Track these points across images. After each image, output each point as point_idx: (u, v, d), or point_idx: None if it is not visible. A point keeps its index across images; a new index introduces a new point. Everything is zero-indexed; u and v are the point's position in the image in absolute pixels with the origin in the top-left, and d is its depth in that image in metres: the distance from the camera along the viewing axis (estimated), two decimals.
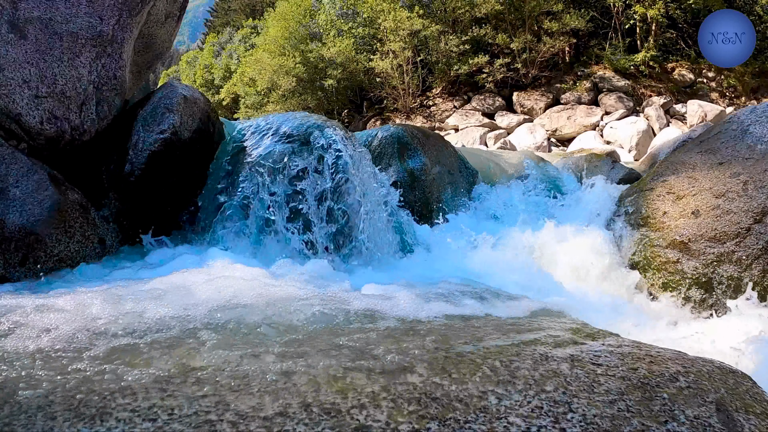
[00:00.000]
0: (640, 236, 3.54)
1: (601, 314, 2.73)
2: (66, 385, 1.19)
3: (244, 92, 23.92)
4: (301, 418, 1.02)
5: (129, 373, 1.26)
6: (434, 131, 9.79)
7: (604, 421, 1.03)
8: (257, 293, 2.03)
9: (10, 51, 2.82)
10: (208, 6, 51.70)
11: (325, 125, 3.56)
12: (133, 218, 3.19)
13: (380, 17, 16.67)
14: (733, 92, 15.41)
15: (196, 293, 2.02)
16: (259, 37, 24.36)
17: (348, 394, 1.12)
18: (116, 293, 2.01)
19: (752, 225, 3.11)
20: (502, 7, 15.76)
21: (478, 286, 2.62)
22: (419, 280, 2.66)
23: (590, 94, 15.33)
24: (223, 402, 1.09)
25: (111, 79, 3.22)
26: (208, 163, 3.54)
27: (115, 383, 1.20)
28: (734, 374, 1.34)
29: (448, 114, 16.75)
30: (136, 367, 1.31)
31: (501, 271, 3.27)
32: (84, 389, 1.16)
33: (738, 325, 2.69)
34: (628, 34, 16.05)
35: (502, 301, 2.25)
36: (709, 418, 1.09)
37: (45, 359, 1.37)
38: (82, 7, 3.07)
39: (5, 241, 2.50)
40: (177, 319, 1.73)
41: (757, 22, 14.72)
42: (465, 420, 1.02)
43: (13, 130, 2.85)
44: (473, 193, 4.63)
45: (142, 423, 1.01)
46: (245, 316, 1.77)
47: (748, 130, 3.52)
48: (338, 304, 1.96)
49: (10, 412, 1.05)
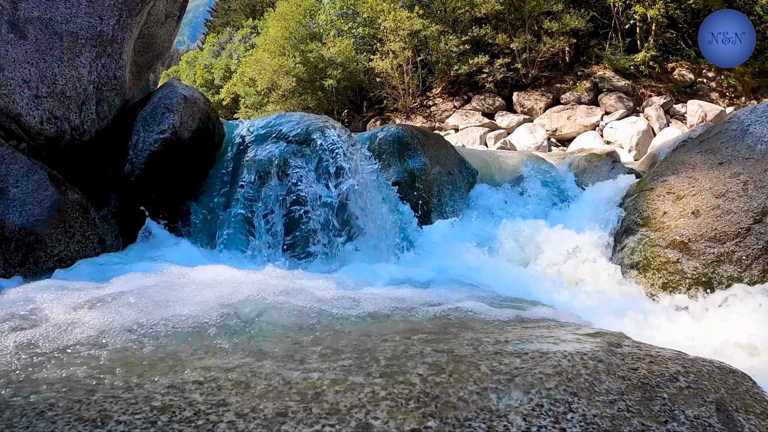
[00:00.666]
0: (640, 236, 3.54)
1: (600, 314, 2.73)
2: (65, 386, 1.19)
3: (244, 92, 23.92)
4: (300, 418, 1.03)
5: (128, 373, 1.26)
6: (434, 131, 9.79)
7: (604, 421, 1.03)
8: (258, 292, 2.03)
9: (10, 51, 2.82)
10: (208, 6, 51.69)
11: (326, 126, 3.56)
12: (133, 218, 3.19)
13: (380, 17, 16.67)
14: (733, 92, 15.41)
15: (197, 293, 2.02)
16: (259, 37, 24.35)
17: (347, 394, 1.12)
18: (113, 293, 2.01)
19: (752, 225, 3.11)
20: (502, 7, 15.75)
21: (478, 286, 2.62)
22: (418, 280, 2.66)
23: (590, 94, 15.32)
24: (224, 403, 1.09)
25: (111, 79, 3.22)
26: (208, 163, 3.54)
27: (114, 384, 1.20)
28: (734, 374, 1.34)
29: (448, 114, 16.75)
30: (136, 367, 1.31)
31: (500, 272, 3.27)
32: (82, 390, 1.16)
33: (738, 325, 2.69)
34: (628, 34, 16.05)
35: (501, 301, 2.25)
36: (709, 418, 1.09)
37: (41, 360, 1.37)
38: (82, 7, 3.07)
39: (5, 241, 2.50)
40: (177, 318, 1.73)
41: (757, 22, 14.71)
42: (465, 418, 1.02)
43: (13, 130, 2.85)
44: (473, 193, 4.63)
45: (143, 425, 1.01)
46: (245, 316, 1.77)
47: (748, 130, 3.52)
48: (336, 305, 1.96)
49: (11, 414, 1.05)
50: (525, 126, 14.89)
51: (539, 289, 2.94)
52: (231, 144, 3.64)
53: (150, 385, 1.18)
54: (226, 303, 1.90)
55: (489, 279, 2.95)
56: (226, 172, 3.47)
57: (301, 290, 2.15)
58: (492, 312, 1.98)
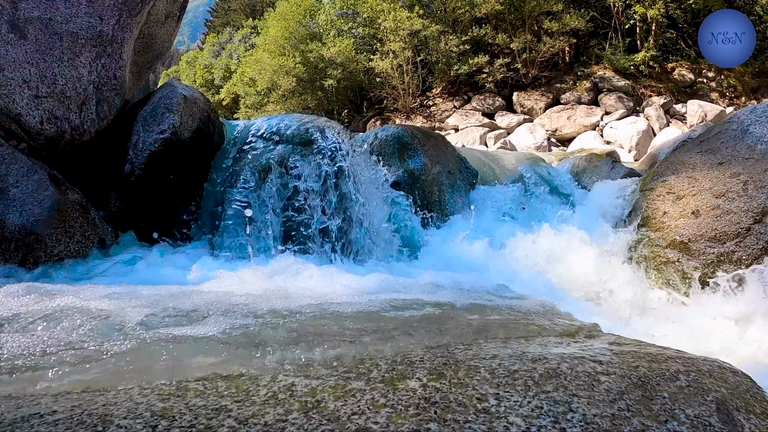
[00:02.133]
0: (640, 236, 3.54)
1: (600, 314, 2.73)
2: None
3: (244, 92, 23.93)
4: (301, 424, 1.03)
5: (125, 374, 1.26)
6: (434, 131, 9.78)
7: (604, 421, 1.03)
8: (256, 292, 2.03)
9: (10, 51, 2.82)
10: (208, 6, 51.69)
11: (326, 127, 3.56)
12: (133, 218, 3.19)
13: (380, 17, 16.67)
14: (733, 92, 15.40)
15: (196, 293, 2.02)
16: (259, 37, 24.36)
17: (347, 399, 1.12)
18: (110, 292, 2.01)
19: (752, 225, 3.11)
20: (502, 7, 15.75)
21: (477, 287, 2.62)
22: (417, 280, 2.65)
23: (590, 94, 15.32)
24: (224, 409, 1.09)
25: (111, 79, 3.22)
26: (208, 163, 3.53)
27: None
28: (734, 373, 1.34)
29: (448, 114, 16.75)
30: (132, 367, 1.31)
31: (500, 272, 3.27)
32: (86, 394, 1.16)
33: (738, 324, 2.69)
34: (628, 34, 16.05)
35: (501, 302, 2.25)
36: (709, 417, 1.09)
37: (37, 361, 1.37)
38: (82, 7, 3.07)
39: (5, 241, 2.50)
40: (177, 318, 1.72)
41: (757, 22, 14.71)
42: (465, 420, 1.01)
43: (13, 130, 2.85)
44: (473, 194, 4.63)
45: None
46: (244, 315, 1.77)
47: (748, 130, 3.52)
48: (331, 305, 1.96)
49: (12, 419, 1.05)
50: (525, 126, 14.89)
51: (538, 290, 2.94)
52: (231, 144, 3.63)
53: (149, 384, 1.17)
54: (227, 303, 1.90)
55: (488, 279, 2.94)
56: (227, 172, 3.47)
57: (302, 289, 2.15)
58: (491, 312, 1.98)
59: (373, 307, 1.96)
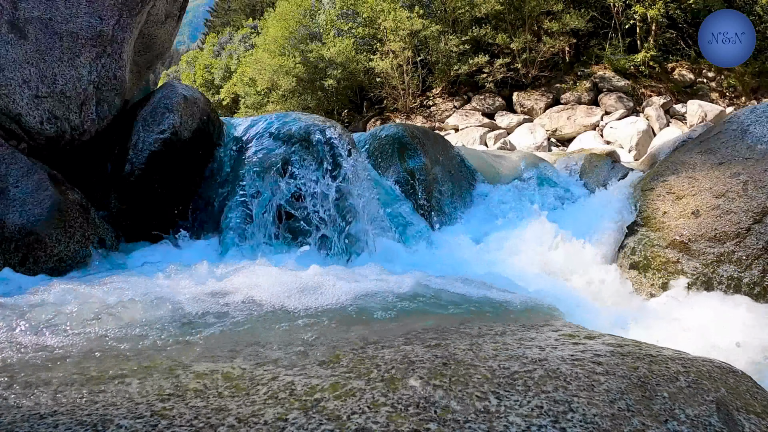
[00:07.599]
0: (640, 236, 3.54)
1: (600, 314, 2.73)
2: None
3: (244, 92, 23.94)
4: (301, 423, 1.03)
5: (125, 374, 1.26)
6: (434, 131, 9.78)
7: (604, 421, 1.03)
8: (257, 292, 2.03)
9: (10, 51, 2.82)
10: (208, 6, 51.68)
11: (325, 126, 3.56)
12: (133, 218, 3.19)
13: (380, 17, 16.68)
14: (733, 92, 15.41)
15: (195, 291, 2.02)
16: (259, 37, 24.37)
17: (347, 398, 1.12)
18: (109, 292, 2.01)
19: (752, 225, 3.11)
20: (502, 7, 15.76)
21: (476, 287, 2.62)
22: (417, 280, 2.65)
23: (590, 94, 15.33)
24: (224, 409, 1.09)
25: (111, 79, 3.22)
26: (208, 163, 3.54)
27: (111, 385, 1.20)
28: (734, 373, 1.34)
29: (448, 114, 16.75)
30: (131, 368, 1.31)
31: (499, 272, 3.27)
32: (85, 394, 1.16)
33: (738, 324, 2.69)
34: (628, 34, 16.06)
35: (500, 302, 2.25)
36: (709, 417, 1.09)
37: (35, 362, 1.37)
38: (82, 7, 3.07)
39: (5, 241, 2.50)
40: (177, 317, 1.73)
41: (757, 22, 14.72)
42: (465, 420, 1.02)
43: (13, 130, 2.85)
44: (473, 193, 4.63)
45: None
46: (245, 314, 1.77)
47: (748, 130, 3.52)
48: (331, 305, 1.96)
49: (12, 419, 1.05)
50: (525, 126, 14.90)
51: (538, 290, 2.94)
52: (231, 143, 3.63)
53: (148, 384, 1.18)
54: (226, 303, 1.90)
55: (487, 280, 2.94)
56: (227, 172, 3.47)
57: (303, 289, 2.15)
58: (490, 313, 1.98)
59: (374, 307, 1.96)
